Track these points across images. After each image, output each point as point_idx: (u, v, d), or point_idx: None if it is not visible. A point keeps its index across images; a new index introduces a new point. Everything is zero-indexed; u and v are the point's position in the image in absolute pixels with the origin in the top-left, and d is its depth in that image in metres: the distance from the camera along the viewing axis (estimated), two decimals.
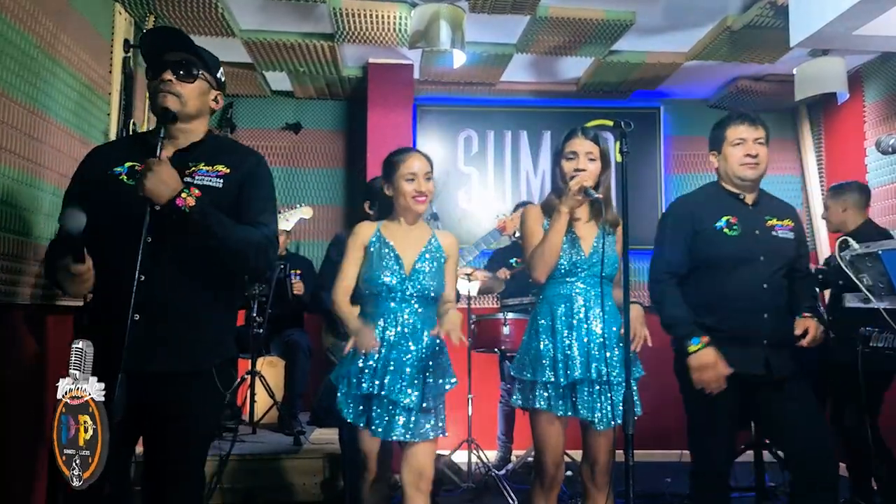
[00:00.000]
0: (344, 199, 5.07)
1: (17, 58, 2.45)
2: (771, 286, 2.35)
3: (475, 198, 5.04)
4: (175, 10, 3.57)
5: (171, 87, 1.78)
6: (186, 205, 1.65)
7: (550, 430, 2.27)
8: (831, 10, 2.96)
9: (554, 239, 2.23)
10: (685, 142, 5.20)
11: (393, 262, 2.23)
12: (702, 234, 2.40)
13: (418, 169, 2.26)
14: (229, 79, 4.70)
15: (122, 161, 1.80)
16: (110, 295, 1.70)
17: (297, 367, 3.98)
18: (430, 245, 2.31)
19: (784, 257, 2.39)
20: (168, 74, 1.78)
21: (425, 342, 2.21)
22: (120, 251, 1.66)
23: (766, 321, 2.31)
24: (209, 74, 1.87)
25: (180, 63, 1.80)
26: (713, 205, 2.45)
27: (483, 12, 3.69)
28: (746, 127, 2.41)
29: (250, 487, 3.35)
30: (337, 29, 3.88)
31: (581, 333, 2.24)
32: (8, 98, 2.39)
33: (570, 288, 2.30)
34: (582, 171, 2.28)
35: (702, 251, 2.40)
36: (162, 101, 1.77)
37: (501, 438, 4.34)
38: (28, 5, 2.50)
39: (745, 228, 2.38)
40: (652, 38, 4.10)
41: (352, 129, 5.10)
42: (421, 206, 2.28)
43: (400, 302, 2.23)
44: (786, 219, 2.45)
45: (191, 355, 1.76)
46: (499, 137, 5.10)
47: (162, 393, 1.71)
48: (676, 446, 4.30)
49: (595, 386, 2.22)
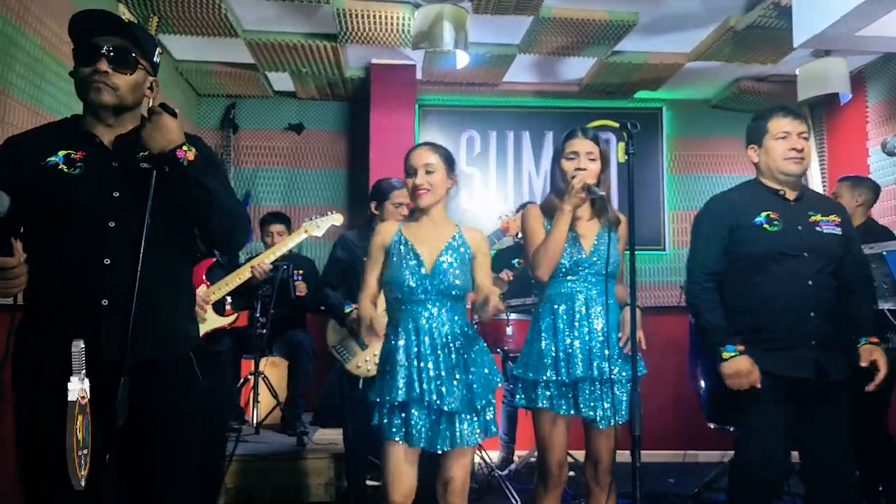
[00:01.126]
0: (346, 200, 5.07)
1: (21, 59, 2.45)
2: (817, 283, 2.22)
3: (477, 198, 5.04)
4: (178, 10, 3.57)
5: (107, 80, 1.61)
6: (186, 158, 1.59)
7: (553, 430, 2.28)
8: (835, 11, 2.96)
9: (557, 237, 2.24)
10: (687, 142, 5.19)
11: (413, 261, 2.15)
12: (740, 230, 2.30)
13: (416, 161, 2.20)
14: (232, 79, 4.70)
15: (54, 150, 1.64)
16: (66, 287, 1.59)
17: (301, 367, 3.98)
18: (453, 242, 2.21)
19: (830, 254, 2.26)
20: (103, 64, 1.60)
21: (460, 342, 2.13)
22: (74, 241, 1.58)
23: (812, 320, 2.19)
24: (146, 61, 1.70)
25: (117, 51, 1.62)
26: (752, 200, 2.34)
27: (486, 13, 3.69)
28: (791, 120, 2.30)
29: (254, 488, 3.36)
30: (340, 29, 3.88)
31: (583, 332, 2.25)
32: (12, 98, 2.39)
33: (571, 287, 2.31)
34: (583, 170, 2.29)
35: (741, 248, 2.29)
36: (96, 97, 1.61)
37: (504, 439, 4.34)
38: (33, 7, 2.51)
39: (786, 224, 2.26)
40: (654, 38, 4.11)
41: (354, 129, 5.10)
42: (422, 200, 2.19)
43: (424, 302, 2.14)
44: (831, 214, 2.32)
45: (166, 342, 1.68)
46: (501, 138, 5.10)
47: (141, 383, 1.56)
48: (680, 447, 4.32)
49: (597, 384, 2.23)
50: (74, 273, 1.57)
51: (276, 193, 5.02)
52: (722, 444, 4.07)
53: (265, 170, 5.04)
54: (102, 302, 1.56)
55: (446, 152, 2.27)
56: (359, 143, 4.95)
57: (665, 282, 5.06)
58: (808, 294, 2.20)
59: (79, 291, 1.57)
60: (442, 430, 2.06)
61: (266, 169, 5.04)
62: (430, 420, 2.07)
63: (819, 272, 2.23)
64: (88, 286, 1.55)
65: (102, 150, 1.66)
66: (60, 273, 1.59)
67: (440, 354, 2.09)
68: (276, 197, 5.01)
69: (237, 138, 5.00)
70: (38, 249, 1.55)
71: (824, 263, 2.24)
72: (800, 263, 2.22)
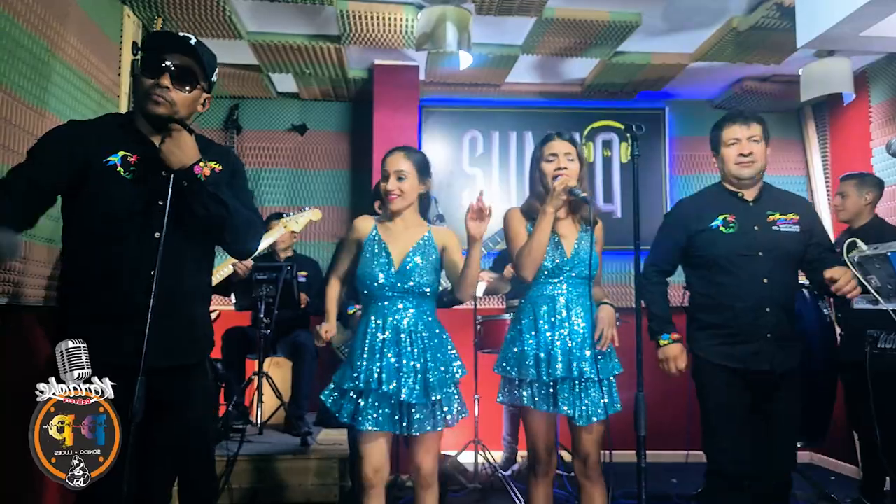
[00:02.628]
0: (349, 200, 5.09)
1: (27, 61, 2.46)
2: (772, 281, 2.36)
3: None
4: (182, 12, 3.58)
5: (166, 94, 1.73)
6: (203, 174, 1.70)
7: (538, 420, 2.37)
8: (838, 12, 2.96)
9: (540, 238, 2.32)
10: (690, 142, 5.19)
11: (383, 258, 2.29)
12: (700, 234, 2.45)
13: (389, 167, 2.34)
14: (235, 80, 4.71)
15: (114, 148, 1.74)
16: (111, 293, 1.68)
17: (304, 368, 3.99)
18: (422, 242, 2.34)
19: (787, 251, 2.40)
20: (166, 80, 1.73)
21: (422, 336, 2.26)
22: (124, 250, 1.68)
23: (768, 315, 2.34)
24: (205, 81, 1.83)
25: (181, 69, 1.75)
26: (712, 205, 2.49)
27: (489, 14, 3.70)
28: (739, 126, 2.45)
29: (258, 488, 3.37)
30: (343, 31, 3.89)
31: (563, 332, 2.32)
32: (18, 101, 2.40)
33: (553, 288, 2.38)
34: (563, 169, 2.37)
35: (701, 251, 2.45)
36: (153, 108, 1.73)
37: (507, 439, 4.34)
38: (39, 9, 2.51)
39: (742, 225, 2.41)
40: (657, 39, 4.11)
41: (357, 130, 5.11)
42: (392, 205, 2.33)
43: (392, 298, 2.27)
44: (790, 212, 2.44)
45: (191, 348, 1.83)
46: (503, 138, 5.10)
47: (166, 387, 1.73)
48: (682, 447, 4.31)
49: (576, 383, 2.31)
50: (124, 282, 1.65)
51: (279, 194, 5.04)
52: None
53: (268, 171, 5.05)
54: (148, 312, 1.61)
55: (420, 158, 2.40)
56: (362, 144, 4.96)
57: None
58: (764, 291, 2.35)
59: (128, 301, 1.64)
60: (401, 418, 2.21)
61: (269, 170, 5.05)
62: (387, 407, 2.20)
63: (773, 270, 2.36)
64: (137, 296, 1.62)
65: (156, 158, 1.72)
66: (110, 281, 1.68)
67: (400, 348, 2.22)
68: (279, 197, 5.02)
69: (241, 139, 5.01)
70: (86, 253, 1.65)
71: (780, 261, 2.38)
72: (755, 262, 2.36)
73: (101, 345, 1.55)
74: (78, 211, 1.73)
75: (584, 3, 3.67)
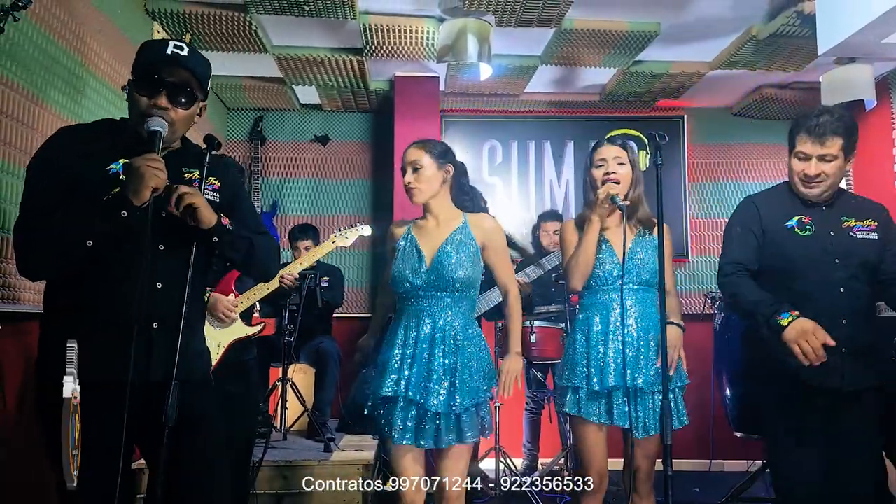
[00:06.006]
0: (371, 210, 5.15)
1: (62, 75, 2.55)
2: (849, 290, 2.17)
3: (499, 208, 5.07)
4: (210, 27, 3.68)
5: (165, 115, 1.63)
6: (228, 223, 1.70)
7: (588, 435, 2.27)
8: (860, 19, 2.95)
9: (586, 247, 2.27)
10: (708, 150, 5.20)
11: (415, 258, 2.20)
12: (771, 233, 2.25)
13: (405, 161, 2.26)
14: (260, 93, 4.81)
15: (115, 156, 1.64)
16: (120, 307, 1.59)
17: (327, 374, 4.04)
18: (456, 234, 2.23)
19: (864, 259, 2.20)
20: (163, 100, 1.63)
21: (456, 339, 2.15)
22: (128, 260, 1.59)
23: (843, 327, 2.13)
24: (202, 92, 1.72)
25: (179, 87, 1.65)
26: (784, 203, 2.29)
27: (509, 25, 3.74)
28: (812, 143, 2.17)
29: (282, 494, 3.41)
30: (366, 44, 3.96)
31: (617, 340, 2.25)
32: (52, 113, 2.49)
33: (605, 296, 2.32)
34: (612, 173, 2.31)
35: (772, 252, 2.25)
36: (150, 127, 1.62)
37: (527, 446, 4.35)
38: (74, 26, 2.61)
39: (818, 229, 2.22)
40: (676, 48, 4.12)
41: (378, 140, 5.18)
42: (414, 198, 2.24)
43: (426, 298, 2.18)
44: (867, 219, 2.25)
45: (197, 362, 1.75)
46: (522, 147, 5.14)
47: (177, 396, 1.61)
48: (706, 456, 4.29)
49: (631, 393, 2.23)
50: (128, 294, 1.57)
51: (302, 203, 5.12)
52: (748, 453, 4.05)
53: (292, 181, 5.14)
54: (153, 325, 1.61)
55: (437, 146, 2.28)
56: (383, 154, 5.04)
57: (687, 290, 5.05)
58: (840, 301, 2.17)
59: (132, 313, 1.56)
60: (428, 430, 2.09)
61: (293, 180, 5.14)
62: (415, 417, 2.10)
63: (851, 279, 2.18)
64: (141, 308, 1.56)
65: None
66: (113, 291, 1.60)
67: (429, 357, 2.11)
68: (302, 207, 5.10)
69: (265, 150, 5.11)
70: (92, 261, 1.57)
71: (857, 270, 2.19)
72: (831, 269, 2.18)
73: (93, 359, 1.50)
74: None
75: (603, 13, 3.70)
